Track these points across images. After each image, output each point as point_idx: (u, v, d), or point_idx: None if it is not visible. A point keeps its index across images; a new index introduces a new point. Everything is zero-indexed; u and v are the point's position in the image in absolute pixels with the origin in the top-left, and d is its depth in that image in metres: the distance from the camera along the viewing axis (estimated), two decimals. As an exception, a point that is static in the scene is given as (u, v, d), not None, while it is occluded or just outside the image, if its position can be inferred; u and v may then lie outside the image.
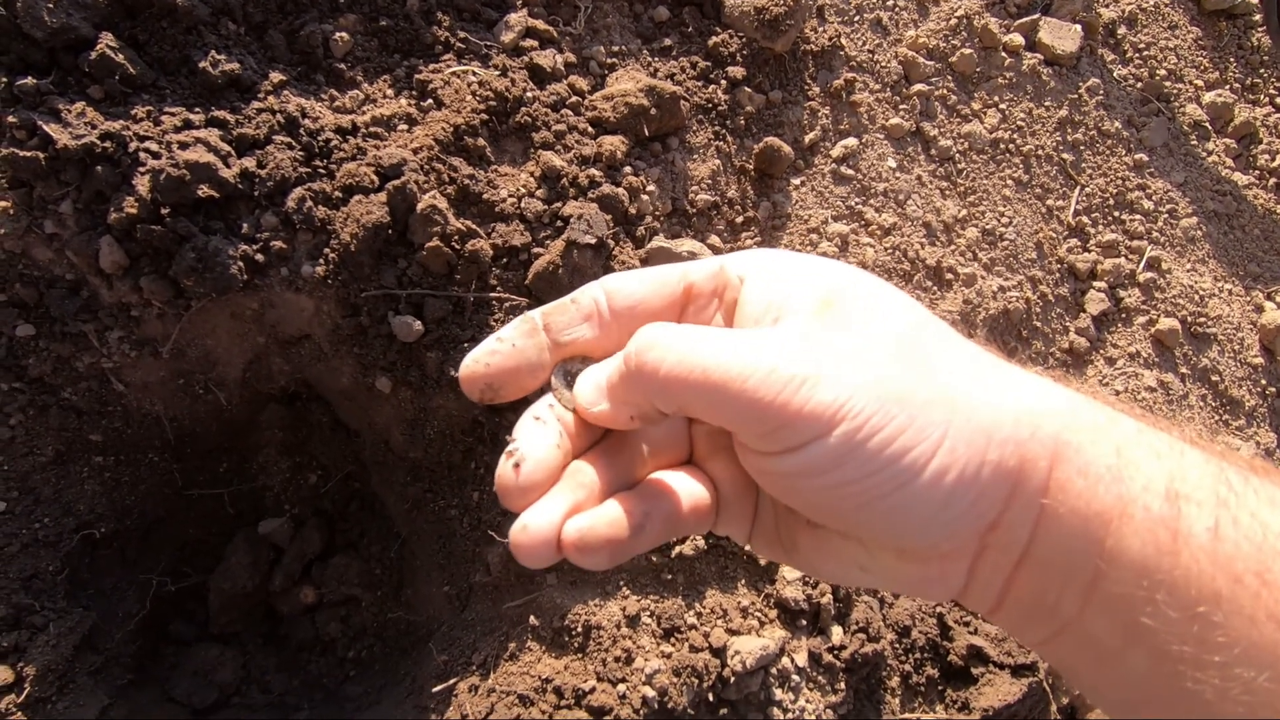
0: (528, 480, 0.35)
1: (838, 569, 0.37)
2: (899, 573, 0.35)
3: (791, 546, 0.38)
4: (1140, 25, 1.30)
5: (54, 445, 0.85)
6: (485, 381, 0.38)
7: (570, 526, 0.33)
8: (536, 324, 0.39)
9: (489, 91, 0.91)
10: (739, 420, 0.32)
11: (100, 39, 0.79)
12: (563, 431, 0.37)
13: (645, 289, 0.39)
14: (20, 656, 0.79)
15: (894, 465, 0.31)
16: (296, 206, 0.83)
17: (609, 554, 0.34)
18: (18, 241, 0.78)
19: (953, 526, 0.32)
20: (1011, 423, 0.32)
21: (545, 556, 0.34)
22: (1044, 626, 0.33)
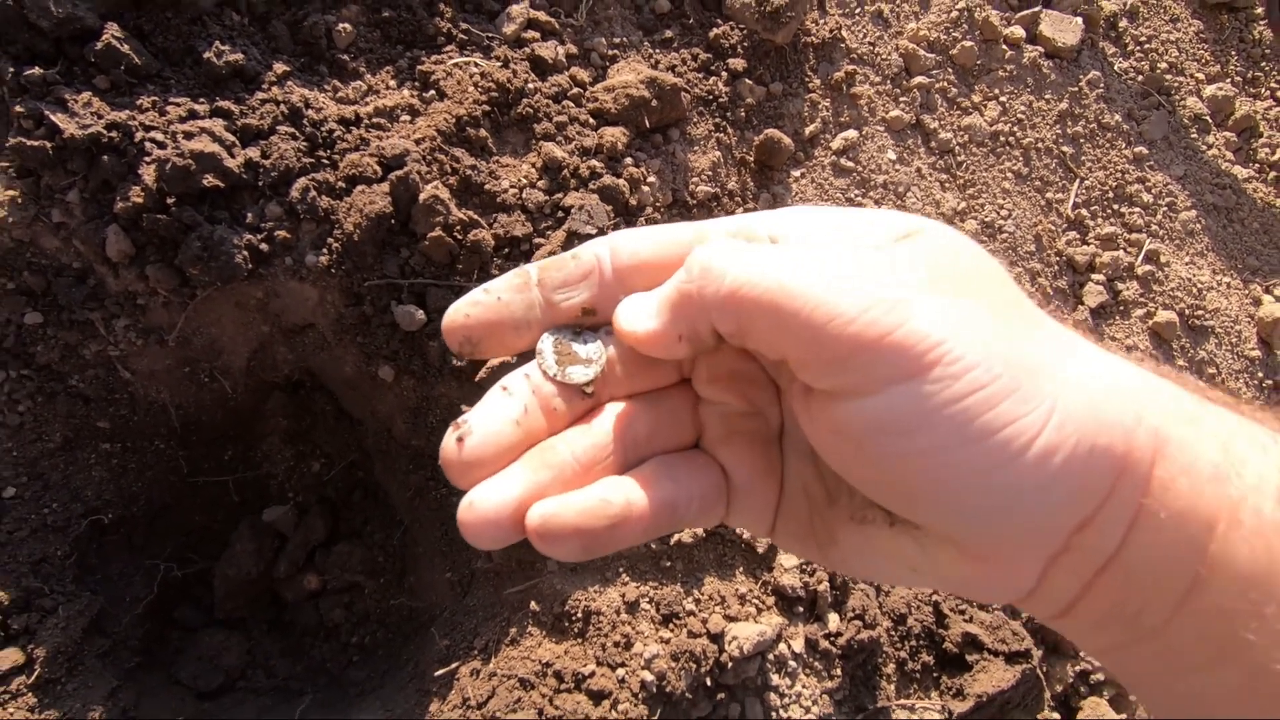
0: (471, 455, 0.31)
1: (883, 568, 0.33)
2: (958, 573, 0.30)
3: (827, 541, 0.34)
4: (1142, 18, 1.30)
5: (62, 432, 0.86)
6: (464, 334, 0.34)
7: (535, 510, 0.30)
8: (530, 279, 0.35)
9: (491, 83, 0.92)
10: (809, 344, 0.27)
11: (106, 29, 0.80)
12: (531, 408, 0.33)
13: (654, 247, 0.35)
14: (30, 639, 0.81)
15: (994, 436, 0.26)
16: (300, 196, 0.83)
17: (579, 545, 0.30)
18: (25, 230, 0.79)
19: (1045, 520, 0.27)
20: (1117, 405, 0.27)
21: (492, 537, 0.30)
22: (1117, 635, 0.29)
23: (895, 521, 0.31)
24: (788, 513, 0.35)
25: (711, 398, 0.36)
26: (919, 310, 0.26)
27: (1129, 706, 1.00)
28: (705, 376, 0.36)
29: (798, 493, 0.35)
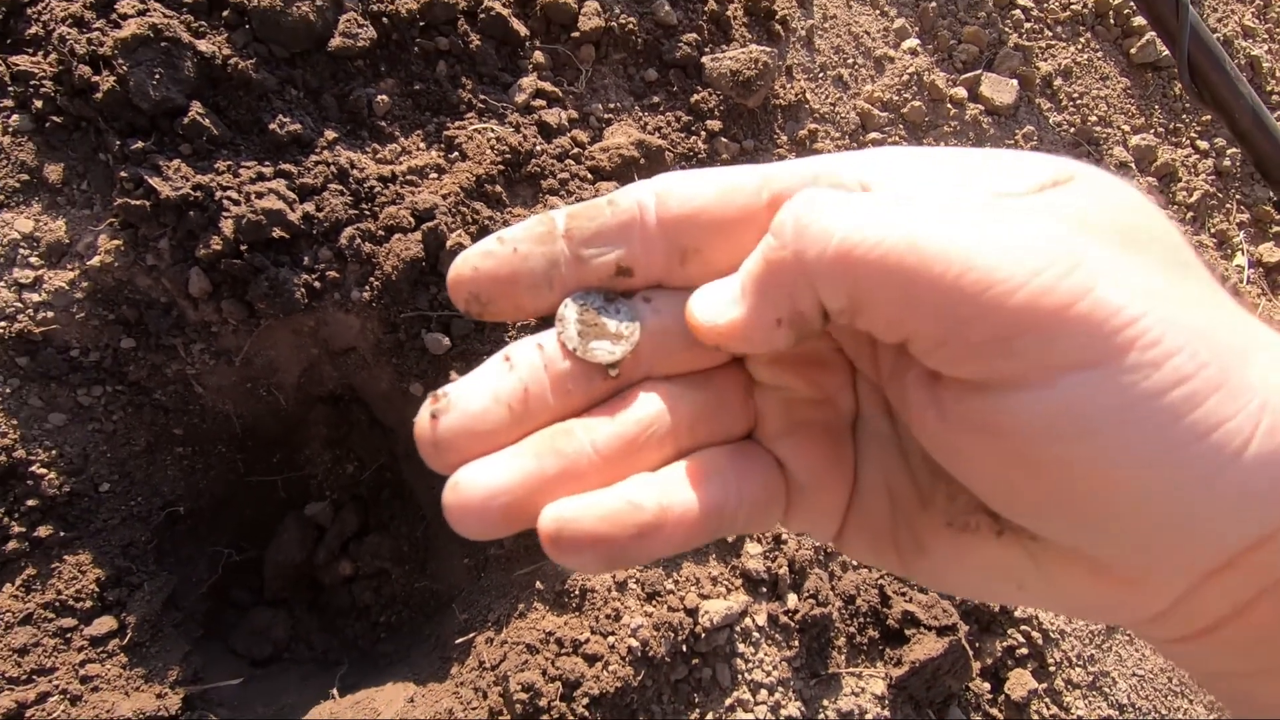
0: (446, 435, 0.26)
1: (981, 584, 0.28)
2: (1082, 595, 0.25)
3: (913, 550, 0.29)
4: (1075, 76, 1.48)
5: (145, 437, 1.03)
6: (471, 288, 0.28)
7: (550, 513, 0.25)
8: (555, 228, 0.29)
9: (505, 145, 1.09)
10: (953, 321, 0.21)
11: (191, 106, 0.98)
12: (535, 389, 0.27)
13: (711, 193, 0.28)
14: (122, 609, 0.97)
15: (1201, 442, 0.20)
16: (347, 243, 1.01)
17: (599, 556, 0.25)
18: (125, 271, 0.96)
19: (1225, 539, 0.22)
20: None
21: (478, 527, 0.25)
22: (1257, 661, 0.25)
23: (1004, 530, 0.26)
24: (861, 516, 0.30)
25: (771, 381, 0.30)
26: (1106, 273, 0.20)
27: (1049, 676, 1.17)
28: (764, 356, 0.30)
29: (877, 493, 0.30)
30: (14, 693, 0.88)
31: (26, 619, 0.91)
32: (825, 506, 0.30)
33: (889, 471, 0.30)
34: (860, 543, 0.30)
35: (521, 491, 0.25)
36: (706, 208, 0.28)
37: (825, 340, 0.30)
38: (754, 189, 0.28)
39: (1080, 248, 0.21)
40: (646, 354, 0.29)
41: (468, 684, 0.99)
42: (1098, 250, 0.21)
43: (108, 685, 0.93)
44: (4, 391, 0.92)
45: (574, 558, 0.25)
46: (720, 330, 0.27)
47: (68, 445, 0.96)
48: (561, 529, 0.24)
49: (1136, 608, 0.25)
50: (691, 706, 1.01)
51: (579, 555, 0.25)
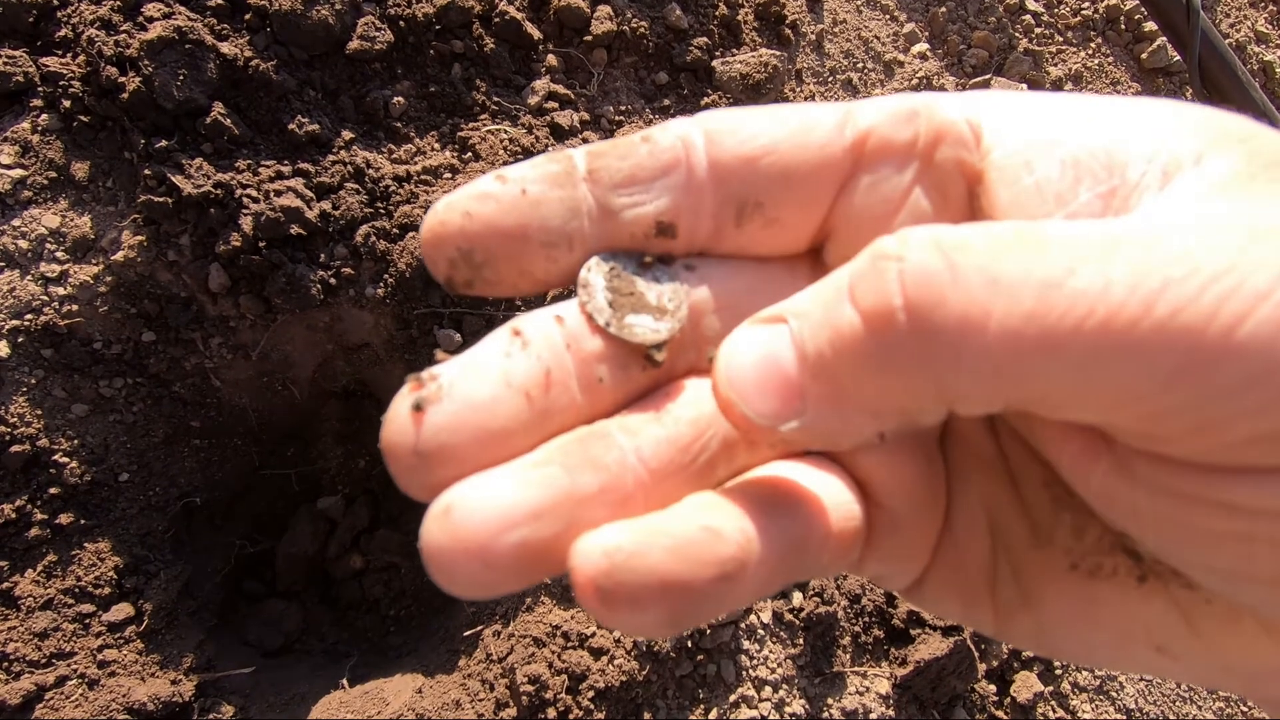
0: (436, 438, 0.19)
1: (1106, 646, 0.22)
2: (1243, 659, 0.20)
3: (1019, 603, 0.23)
4: (1085, 82, 1.49)
5: (164, 429, 1.05)
6: (459, 246, 0.21)
7: (593, 544, 0.17)
8: (575, 168, 0.22)
9: (517, 146, 1.11)
10: (1203, 400, 0.15)
11: (213, 106, 1.00)
12: (558, 373, 0.20)
13: (779, 132, 0.22)
14: (139, 596, 0.99)
15: None
16: (363, 240, 1.03)
17: (672, 609, 0.17)
18: (148, 267, 0.99)
19: None
20: None
21: (479, 576, 0.18)
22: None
23: (1148, 576, 0.21)
24: (952, 556, 0.24)
25: None
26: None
27: (1056, 679, 1.16)
28: None
29: (974, 527, 0.24)
30: (34, 675, 0.90)
31: (47, 604, 0.94)
32: (914, 543, 0.23)
33: (992, 500, 0.23)
34: (946, 592, 0.24)
35: (547, 520, 0.18)
36: (773, 148, 0.21)
37: None
38: (833, 126, 0.22)
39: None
40: (691, 340, 0.22)
41: (475, 676, 1.01)
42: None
43: (124, 671, 0.95)
44: (29, 382, 0.95)
45: (634, 614, 0.17)
46: (778, 439, 0.18)
47: (89, 435, 0.99)
48: (616, 570, 0.16)
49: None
50: (696, 703, 1.02)
51: (642, 611, 0.17)
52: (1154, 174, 0.18)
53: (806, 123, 0.22)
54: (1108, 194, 0.18)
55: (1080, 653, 0.22)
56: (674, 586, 0.17)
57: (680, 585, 0.17)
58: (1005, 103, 0.21)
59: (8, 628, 0.91)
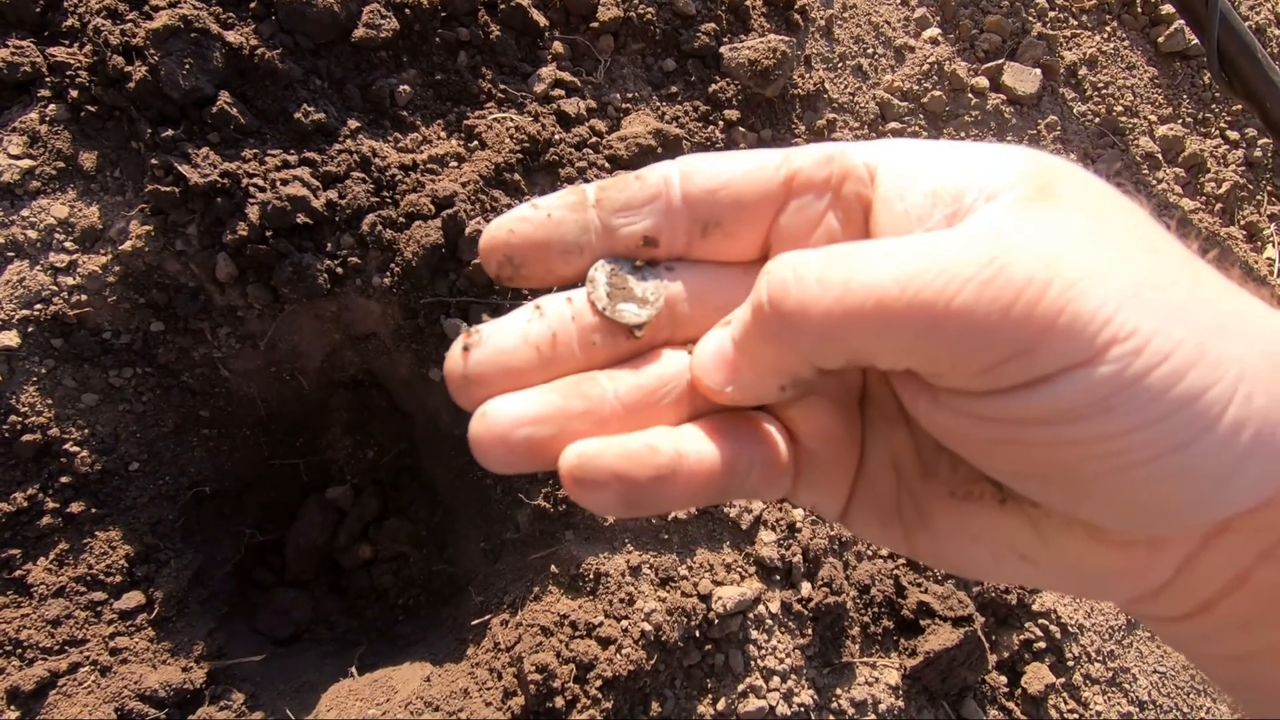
0: (475, 370, 0.28)
1: (983, 557, 0.28)
2: (1082, 561, 0.26)
3: (917, 523, 0.30)
4: (1100, 66, 1.46)
5: (174, 419, 1.06)
6: (505, 253, 0.30)
7: (573, 449, 0.26)
8: (586, 198, 0.30)
9: (523, 135, 1.10)
10: (952, 350, 0.23)
11: (219, 96, 1.00)
12: (563, 336, 0.29)
13: (734, 170, 0.30)
14: (150, 584, 1.00)
15: (1185, 410, 0.22)
16: (369, 230, 1.03)
17: (618, 494, 0.26)
18: (155, 256, 0.99)
19: (1228, 504, 0.23)
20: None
21: (502, 458, 0.26)
22: (1259, 639, 0.26)
23: (1008, 498, 0.27)
24: (867, 490, 0.31)
25: None
26: (1081, 283, 0.22)
27: (1068, 671, 1.15)
28: None
29: (882, 465, 0.31)
30: (47, 662, 0.91)
31: (59, 591, 0.94)
32: (834, 478, 0.31)
33: (894, 444, 0.31)
34: (866, 518, 0.31)
35: (545, 425, 0.27)
36: (728, 184, 0.30)
37: None
38: (774, 167, 0.30)
39: (1058, 258, 0.23)
40: (668, 320, 0.31)
41: (483, 665, 1.01)
42: (1077, 257, 0.23)
43: (136, 658, 0.96)
44: (39, 372, 0.95)
45: (594, 494, 0.26)
46: (726, 398, 0.29)
47: (99, 425, 0.99)
48: (583, 464, 0.26)
49: (1140, 577, 0.26)
50: (704, 692, 1.01)
51: (599, 492, 0.26)
52: (980, 200, 0.25)
53: (755, 163, 0.30)
54: (951, 215, 0.26)
55: (966, 564, 0.29)
56: (621, 478, 0.26)
57: (626, 478, 0.26)
58: (898, 150, 0.29)
59: (21, 615, 0.92)
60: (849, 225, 0.30)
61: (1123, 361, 0.22)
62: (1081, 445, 0.23)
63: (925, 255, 0.23)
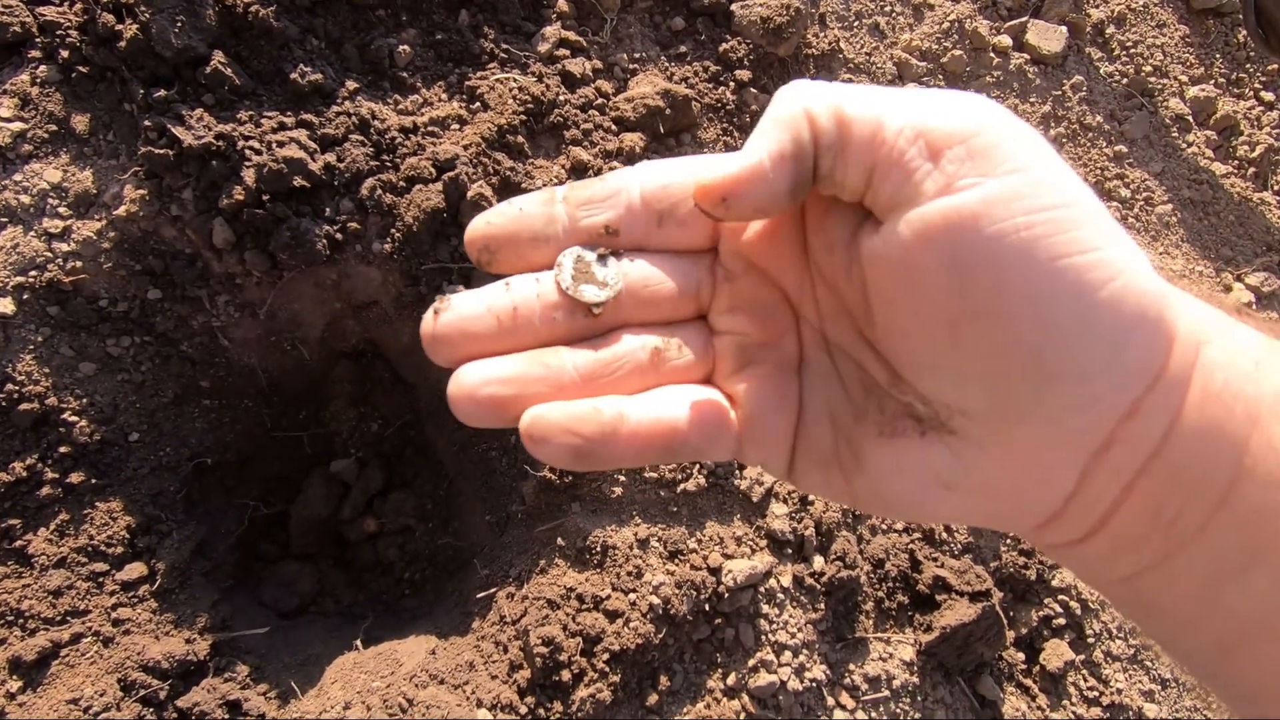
0: (441, 329, 0.32)
1: (914, 488, 0.31)
2: (992, 480, 0.29)
3: (854, 467, 0.32)
4: (1129, 24, 1.40)
5: (173, 389, 1.04)
6: (484, 242, 0.34)
7: (528, 412, 0.30)
8: (555, 197, 0.35)
9: (527, 96, 1.07)
10: (886, 158, 0.28)
11: (213, 56, 0.97)
12: (524, 309, 0.32)
13: (686, 167, 0.35)
14: (152, 555, 0.99)
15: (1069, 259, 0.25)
16: (369, 194, 1.00)
17: (567, 447, 0.30)
18: (151, 222, 0.96)
19: (1103, 388, 0.26)
20: (1167, 288, 0.28)
21: (470, 410, 0.30)
22: (1147, 553, 0.28)
23: (927, 430, 0.30)
24: (807, 444, 0.34)
25: (729, 329, 0.35)
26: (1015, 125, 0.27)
27: (1088, 648, 1.12)
28: (724, 306, 0.35)
29: (820, 419, 0.34)
30: (49, 632, 0.90)
31: (60, 562, 0.93)
32: (774, 435, 0.33)
33: (829, 398, 0.34)
34: (809, 469, 0.34)
35: (507, 386, 0.30)
36: (680, 180, 0.34)
37: (774, 292, 0.35)
38: (714, 164, 0.33)
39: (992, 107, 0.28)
40: (626, 304, 0.34)
41: (489, 638, 0.99)
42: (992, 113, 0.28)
43: (138, 629, 0.95)
44: (36, 340, 0.94)
45: (544, 448, 0.30)
46: (733, 178, 0.30)
47: (98, 394, 0.97)
48: (534, 421, 0.30)
49: (1042, 495, 0.29)
50: (714, 667, 0.99)
51: (547, 445, 0.29)
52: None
53: (704, 161, 0.32)
54: None
55: (898, 499, 0.32)
56: (568, 433, 0.29)
57: (572, 433, 0.29)
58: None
59: (22, 585, 0.91)
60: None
61: (1035, 186, 0.26)
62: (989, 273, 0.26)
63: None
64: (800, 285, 0.35)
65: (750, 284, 0.35)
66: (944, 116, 0.27)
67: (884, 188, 0.28)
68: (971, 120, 0.27)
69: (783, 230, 0.34)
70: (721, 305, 0.35)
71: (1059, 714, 1.08)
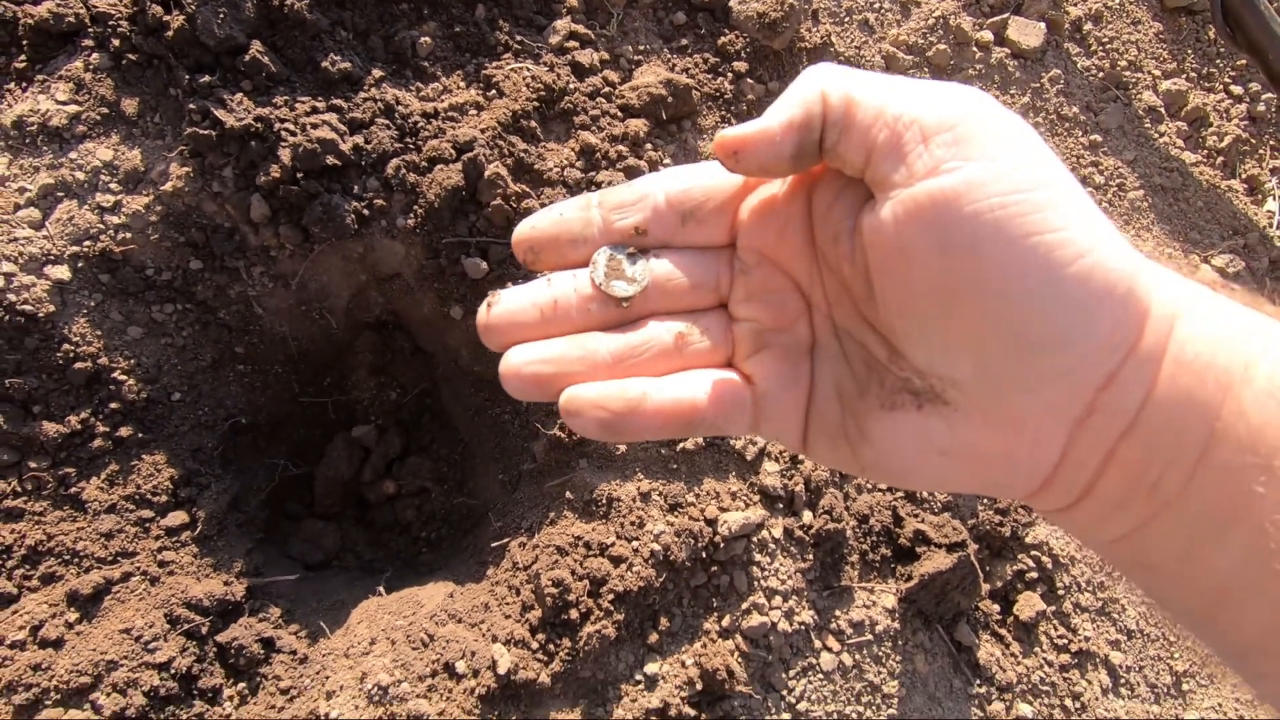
0: (493, 319, 0.37)
1: (913, 457, 0.34)
2: (984, 447, 0.32)
3: (859, 439, 0.35)
4: (1105, 21, 1.48)
5: (211, 353, 1.12)
6: (528, 244, 0.39)
7: (566, 391, 0.35)
8: (592, 202, 0.39)
9: (539, 84, 1.15)
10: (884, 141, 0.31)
11: (252, 45, 1.05)
12: (563, 302, 0.37)
13: (703, 181, 0.39)
14: (193, 505, 1.07)
15: (1044, 235, 0.28)
16: (394, 173, 1.08)
17: (597, 420, 0.34)
18: (194, 197, 1.05)
19: (1079, 359, 0.29)
20: (1148, 264, 0.30)
21: (516, 385, 0.35)
22: (1134, 514, 0.30)
23: (923, 403, 0.33)
24: (819, 419, 0.37)
25: (746, 316, 0.39)
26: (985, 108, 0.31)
27: (1058, 599, 1.21)
28: (742, 295, 0.39)
29: (828, 397, 0.37)
30: (101, 570, 0.99)
31: (111, 508, 1.02)
32: (788, 412, 0.37)
33: (837, 377, 0.37)
34: (819, 442, 0.37)
35: (548, 365, 0.35)
36: (700, 183, 0.39)
37: (787, 281, 0.39)
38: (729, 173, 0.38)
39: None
40: (653, 296, 0.39)
41: (502, 583, 1.07)
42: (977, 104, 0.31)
43: (181, 570, 1.03)
44: (89, 305, 1.02)
45: (577, 420, 0.34)
46: (746, 135, 0.34)
47: (144, 356, 1.06)
48: (571, 398, 0.34)
49: (1031, 462, 0.31)
50: (710, 611, 1.07)
51: (581, 418, 0.34)
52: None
53: (722, 173, 0.38)
54: None
55: (900, 467, 0.35)
56: (598, 408, 0.34)
57: (601, 408, 0.34)
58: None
59: (77, 528, 1.00)
60: None
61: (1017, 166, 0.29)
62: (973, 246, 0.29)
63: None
64: (810, 275, 0.38)
65: (764, 275, 0.38)
66: (937, 105, 0.30)
67: (881, 166, 0.31)
68: (960, 109, 0.30)
69: (792, 226, 0.38)
70: (739, 295, 0.39)
71: (1031, 660, 1.17)
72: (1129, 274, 0.29)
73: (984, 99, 0.31)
